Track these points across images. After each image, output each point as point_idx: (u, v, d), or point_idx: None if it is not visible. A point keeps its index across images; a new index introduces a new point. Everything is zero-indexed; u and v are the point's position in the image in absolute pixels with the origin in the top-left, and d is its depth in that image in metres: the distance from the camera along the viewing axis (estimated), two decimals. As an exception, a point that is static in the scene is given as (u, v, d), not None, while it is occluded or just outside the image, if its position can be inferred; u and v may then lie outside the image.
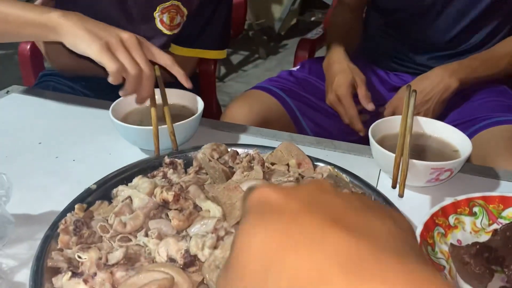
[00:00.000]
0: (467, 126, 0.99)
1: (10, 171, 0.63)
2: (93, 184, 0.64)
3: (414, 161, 0.64)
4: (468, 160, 0.90)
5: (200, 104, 0.80)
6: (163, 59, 0.74)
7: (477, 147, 0.92)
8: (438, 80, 1.03)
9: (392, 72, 1.24)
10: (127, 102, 0.81)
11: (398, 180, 0.61)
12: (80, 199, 0.61)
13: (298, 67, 1.25)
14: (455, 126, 1.00)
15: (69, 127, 0.88)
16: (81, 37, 0.69)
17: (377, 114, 1.08)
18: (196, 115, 0.76)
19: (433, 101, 1.04)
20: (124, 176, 0.65)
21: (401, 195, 0.60)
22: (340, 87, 1.04)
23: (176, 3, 1.05)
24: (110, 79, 0.69)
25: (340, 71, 1.06)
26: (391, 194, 0.62)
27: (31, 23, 0.73)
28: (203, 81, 1.35)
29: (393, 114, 1.06)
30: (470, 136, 0.96)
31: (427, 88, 1.03)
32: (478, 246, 0.51)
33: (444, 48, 1.15)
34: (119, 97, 0.77)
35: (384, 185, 0.69)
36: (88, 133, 0.85)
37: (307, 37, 1.39)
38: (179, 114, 0.81)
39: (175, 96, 0.83)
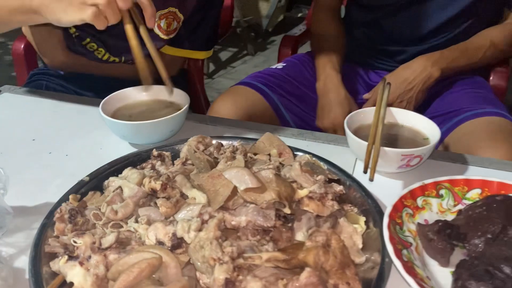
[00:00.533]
0: (450, 117, 1.04)
1: (6, 167, 0.67)
2: (86, 176, 0.68)
3: (386, 148, 0.69)
4: (452, 150, 0.95)
5: (186, 99, 0.84)
6: None
7: (460, 138, 0.97)
8: (421, 69, 1.07)
9: (372, 71, 1.28)
10: (116, 98, 0.85)
11: (370, 166, 0.66)
12: (74, 190, 0.65)
13: (282, 64, 1.29)
14: (437, 117, 1.07)
15: (61, 124, 0.92)
16: (62, 11, 0.71)
17: None
18: (181, 110, 0.80)
19: (416, 89, 1.08)
20: (115, 168, 0.69)
21: (371, 179, 0.65)
22: (337, 119, 1.08)
23: (173, 10, 1.09)
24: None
25: (338, 102, 1.10)
26: (366, 180, 0.67)
27: (19, 10, 0.77)
28: (191, 77, 1.39)
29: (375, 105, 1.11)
30: (453, 127, 1.01)
31: (410, 77, 1.08)
32: (440, 224, 0.56)
33: (422, 42, 1.19)
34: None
35: (359, 172, 0.73)
36: (79, 129, 0.89)
37: (290, 34, 1.43)
38: (166, 110, 0.85)
39: (163, 92, 0.87)
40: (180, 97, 0.87)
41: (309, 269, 0.44)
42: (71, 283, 0.51)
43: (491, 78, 1.22)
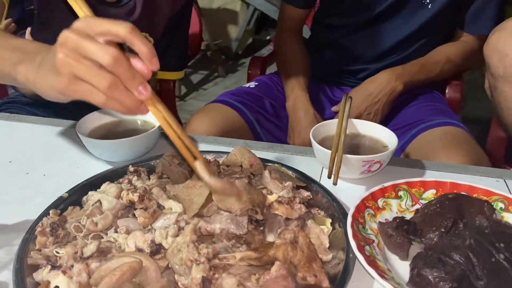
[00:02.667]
0: (410, 128, 1.11)
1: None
2: (65, 192, 0.71)
3: (348, 155, 0.74)
4: (412, 158, 1.02)
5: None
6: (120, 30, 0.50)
7: (419, 147, 1.05)
8: (385, 83, 1.15)
9: (337, 88, 1.35)
10: (92, 118, 0.89)
11: (333, 172, 0.71)
12: (54, 206, 0.68)
13: (254, 83, 1.35)
14: (399, 128, 1.14)
15: (37, 145, 0.94)
16: (45, 87, 0.55)
17: None
18: (154, 128, 0.84)
19: (381, 102, 1.16)
20: (93, 183, 0.72)
21: (334, 183, 0.70)
22: (307, 138, 1.11)
23: (144, 35, 1.14)
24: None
25: (307, 121, 1.17)
26: (331, 186, 0.72)
27: (6, 78, 0.64)
28: (163, 99, 1.42)
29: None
30: (412, 137, 1.08)
31: (375, 91, 1.15)
32: (398, 221, 0.62)
33: (381, 60, 1.27)
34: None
35: (325, 179, 0.78)
36: (56, 150, 0.92)
37: (257, 55, 1.50)
38: (141, 128, 0.89)
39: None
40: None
41: (278, 262, 0.49)
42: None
43: (447, 91, 1.31)
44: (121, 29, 0.49)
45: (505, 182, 0.80)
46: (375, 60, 1.28)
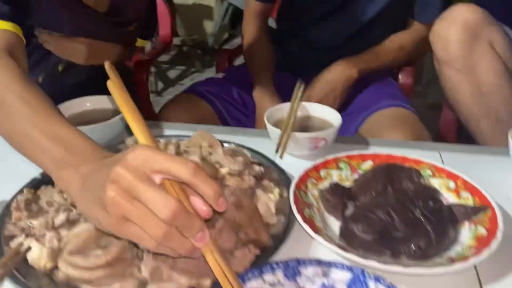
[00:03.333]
0: (362, 111, 1.20)
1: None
2: (39, 174, 0.77)
3: (296, 133, 0.83)
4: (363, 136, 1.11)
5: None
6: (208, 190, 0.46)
7: (368, 128, 1.14)
8: (342, 71, 1.24)
9: (300, 77, 1.43)
10: (63, 108, 0.95)
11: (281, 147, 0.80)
12: (28, 186, 0.74)
13: (222, 74, 1.43)
14: (354, 112, 1.23)
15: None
16: (89, 215, 0.50)
17: None
18: (120, 115, 0.91)
19: (339, 89, 1.24)
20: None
21: (280, 157, 0.79)
22: None
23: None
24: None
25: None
26: (283, 163, 0.80)
27: (44, 169, 0.58)
28: (138, 91, 1.49)
29: None
30: (363, 119, 1.18)
31: (333, 79, 1.24)
32: (333, 186, 0.70)
33: (340, 49, 1.36)
34: None
35: (279, 158, 0.87)
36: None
37: (225, 48, 1.57)
38: (106, 116, 0.95)
39: (106, 101, 0.98)
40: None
41: (222, 219, 0.57)
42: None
43: (400, 76, 1.40)
44: (183, 172, 0.44)
45: (439, 154, 0.89)
46: (336, 49, 1.36)
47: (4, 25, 0.76)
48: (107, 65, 0.55)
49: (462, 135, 1.39)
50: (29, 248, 0.59)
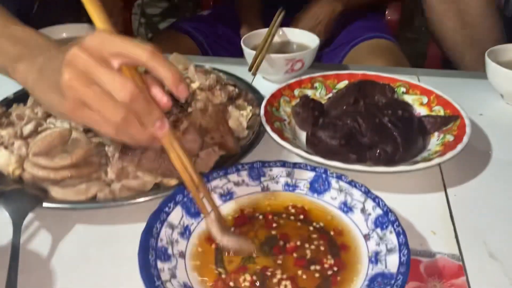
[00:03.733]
0: (346, 44, 1.19)
1: None
2: (11, 94, 0.77)
3: (272, 55, 0.82)
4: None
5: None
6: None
7: (352, 57, 1.14)
8: (326, 4, 1.21)
9: (287, 17, 1.40)
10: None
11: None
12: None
13: (208, 11, 1.40)
14: (340, 45, 1.22)
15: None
16: (45, 102, 0.49)
17: None
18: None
19: (323, 22, 1.23)
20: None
21: (253, 74, 0.78)
22: None
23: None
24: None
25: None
26: (261, 88, 0.79)
27: (3, 70, 0.55)
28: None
29: None
30: (348, 50, 1.17)
31: (317, 12, 1.22)
32: (304, 99, 0.70)
33: None
34: None
35: (256, 81, 0.86)
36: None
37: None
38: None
39: (83, 30, 0.96)
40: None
41: (187, 122, 0.57)
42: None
43: (386, 12, 1.37)
44: (140, 53, 0.42)
45: (417, 78, 0.88)
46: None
47: None
48: None
49: (446, 69, 1.39)
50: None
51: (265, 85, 0.86)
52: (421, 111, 0.72)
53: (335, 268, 0.46)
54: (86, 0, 0.47)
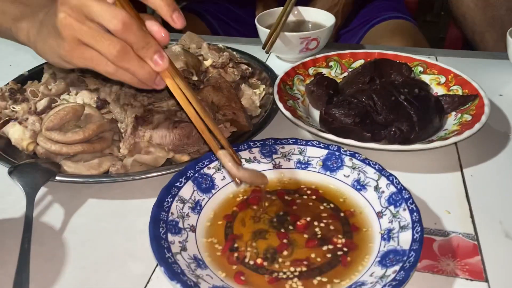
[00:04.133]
0: (364, 25, 1.17)
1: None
2: (26, 71, 0.77)
3: (286, 33, 0.81)
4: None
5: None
6: None
7: (370, 37, 1.11)
8: None
9: None
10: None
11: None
12: (14, 80, 0.74)
13: None
14: (357, 26, 1.19)
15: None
16: (47, 51, 0.48)
17: None
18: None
19: (341, 3, 1.20)
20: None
21: (267, 52, 0.77)
22: None
23: None
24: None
25: None
26: (275, 67, 0.78)
27: (7, 32, 0.57)
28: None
29: None
30: (367, 30, 1.14)
31: None
32: (318, 77, 0.69)
33: None
34: None
35: (270, 61, 0.85)
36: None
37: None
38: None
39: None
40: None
41: (198, 98, 0.56)
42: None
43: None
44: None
45: (436, 58, 0.86)
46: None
47: None
48: None
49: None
50: (6, 121, 0.60)
51: (279, 64, 0.85)
52: (438, 90, 0.70)
53: (345, 249, 0.46)
54: None
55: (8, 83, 0.72)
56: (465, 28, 1.14)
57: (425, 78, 0.73)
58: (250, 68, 0.76)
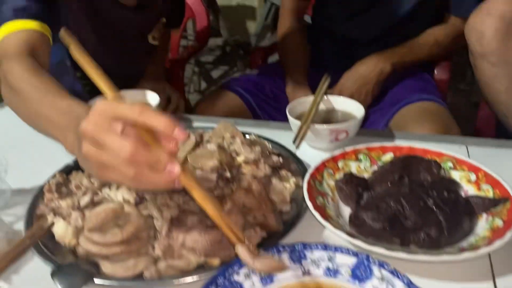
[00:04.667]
0: (393, 105, 1.19)
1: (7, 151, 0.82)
2: (72, 161, 0.83)
3: (316, 125, 0.84)
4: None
5: (155, 100, 1.00)
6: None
7: (398, 121, 1.13)
8: (375, 64, 1.23)
9: (334, 73, 1.41)
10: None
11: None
12: (61, 171, 0.80)
13: (257, 71, 1.45)
14: (386, 106, 1.21)
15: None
16: (85, 167, 0.56)
17: None
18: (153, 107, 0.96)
19: (371, 83, 1.24)
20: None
21: (297, 147, 0.80)
22: None
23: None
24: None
25: None
26: (306, 156, 0.81)
27: (55, 139, 0.65)
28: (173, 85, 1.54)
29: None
30: (394, 113, 1.16)
31: (365, 73, 1.23)
32: (348, 176, 0.70)
33: (374, 44, 1.34)
34: None
35: (301, 150, 0.88)
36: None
37: (260, 46, 1.60)
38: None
39: (139, 96, 1.03)
40: (153, 99, 1.02)
41: (230, 201, 0.59)
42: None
43: (435, 72, 1.37)
44: (129, 113, 0.48)
45: (466, 148, 0.87)
46: (370, 44, 1.34)
47: (30, 25, 0.82)
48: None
49: (500, 132, 1.34)
50: (52, 224, 0.64)
51: (309, 153, 0.87)
52: (468, 189, 0.70)
53: None
54: (91, 72, 0.55)
55: (55, 175, 0.77)
56: (497, 109, 1.14)
57: (455, 174, 0.73)
58: (280, 159, 0.79)
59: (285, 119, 1.32)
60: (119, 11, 1.18)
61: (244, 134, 0.86)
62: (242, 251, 0.53)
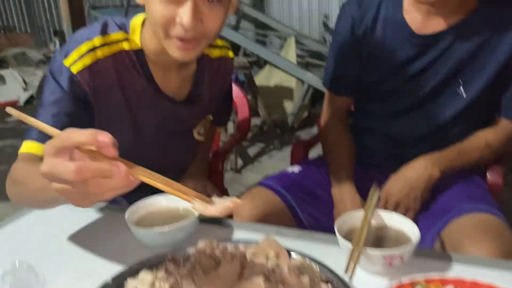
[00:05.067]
0: (444, 214, 1.11)
1: (42, 264, 0.80)
2: (110, 279, 0.80)
3: (369, 249, 0.78)
4: (446, 245, 1.02)
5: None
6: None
7: (451, 234, 1.04)
8: (422, 169, 1.17)
9: (380, 172, 1.32)
10: (141, 206, 0.99)
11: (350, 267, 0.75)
12: (99, 291, 0.76)
13: (298, 167, 1.40)
14: (435, 214, 1.14)
15: (91, 228, 1.05)
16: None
17: None
18: (193, 220, 0.93)
19: (419, 189, 1.17)
20: (133, 270, 0.80)
21: (350, 277, 0.74)
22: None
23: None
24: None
25: (354, 209, 1.17)
26: (356, 279, 0.76)
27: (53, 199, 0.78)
28: (212, 181, 1.52)
29: (386, 202, 1.19)
30: (445, 223, 1.08)
31: (413, 177, 1.17)
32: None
33: (421, 144, 1.29)
34: None
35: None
36: (107, 233, 1.02)
37: (300, 139, 1.58)
38: (185, 215, 0.97)
39: (179, 200, 1.00)
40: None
41: None
42: None
43: (488, 175, 1.30)
44: (61, 143, 0.56)
45: (536, 279, 0.78)
46: (414, 145, 1.30)
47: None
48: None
49: None
50: None
51: (360, 277, 0.81)
52: None
53: None
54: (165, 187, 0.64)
55: (92, 299, 0.74)
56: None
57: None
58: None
59: (328, 221, 1.27)
60: (167, 105, 1.17)
61: (289, 252, 0.82)
62: (196, 204, 0.63)
